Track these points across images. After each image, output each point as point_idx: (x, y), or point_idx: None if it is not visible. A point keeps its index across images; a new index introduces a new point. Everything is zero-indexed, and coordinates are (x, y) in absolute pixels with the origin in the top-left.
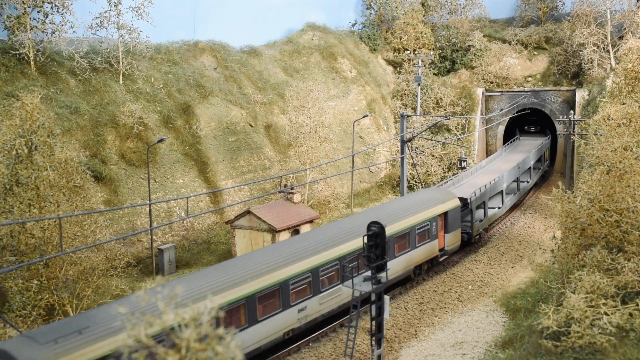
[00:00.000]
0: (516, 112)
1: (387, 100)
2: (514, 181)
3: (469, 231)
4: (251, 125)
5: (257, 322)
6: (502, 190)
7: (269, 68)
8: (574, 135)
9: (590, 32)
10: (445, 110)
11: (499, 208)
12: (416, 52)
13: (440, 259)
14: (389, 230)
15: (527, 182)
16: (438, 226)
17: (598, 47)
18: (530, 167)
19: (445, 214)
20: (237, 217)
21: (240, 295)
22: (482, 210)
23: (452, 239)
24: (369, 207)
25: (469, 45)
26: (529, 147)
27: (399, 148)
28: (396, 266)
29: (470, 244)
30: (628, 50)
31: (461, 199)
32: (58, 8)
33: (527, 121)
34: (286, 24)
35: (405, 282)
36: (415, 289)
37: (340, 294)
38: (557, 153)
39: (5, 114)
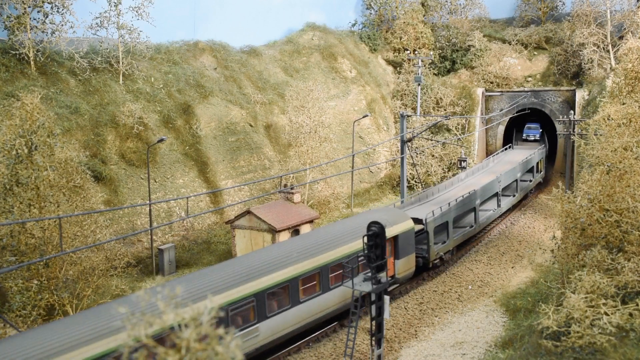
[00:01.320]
0: (516, 112)
1: (387, 100)
2: (493, 196)
3: (425, 255)
4: (251, 125)
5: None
6: (474, 208)
7: (269, 68)
8: (574, 135)
9: (590, 32)
10: (445, 110)
11: (471, 227)
12: (416, 52)
13: (390, 288)
14: (323, 260)
15: (513, 196)
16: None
17: (598, 47)
18: (516, 180)
19: (395, 238)
20: (237, 217)
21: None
22: (444, 232)
23: (404, 266)
24: (315, 229)
25: (469, 45)
26: (519, 157)
27: (399, 148)
28: (329, 300)
29: (428, 269)
30: (628, 50)
31: (416, 220)
32: (58, 8)
33: (527, 122)
34: (286, 24)
35: (345, 317)
36: (415, 289)
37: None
38: (557, 153)
39: (5, 114)
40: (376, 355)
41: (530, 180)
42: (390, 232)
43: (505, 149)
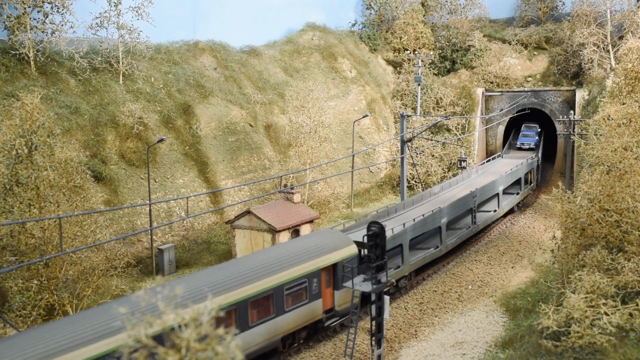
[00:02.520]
0: (516, 112)
1: (387, 100)
2: (466, 212)
3: None
4: (251, 125)
5: None
6: (439, 227)
7: (269, 68)
8: (574, 135)
9: (590, 32)
10: (445, 110)
11: (436, 248)
12: (416, 52)
13: (328, 323)
14: (243, 294)
15: (494, 211)
16: (322, 282)
17: (598, 47)
18: (497, 194)
19: (334, 265)
20: (237, 217)
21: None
22: (398, 256)
23: (345, 296)
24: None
25: (469, 45)
26: (506, 168)
27: (399, 148)
28: (251, 338)
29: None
30: (628, 50)
31: (361, 244)
32: (58, 8)
33: (524, 125)
34: (286, 24)
35: (274, 354)
36: (415, 289)
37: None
38: (557, 153)
39: (5, 114)
40: (376, 355)
41: (518, 193)
42: (328, 260)
43: (494, 158)
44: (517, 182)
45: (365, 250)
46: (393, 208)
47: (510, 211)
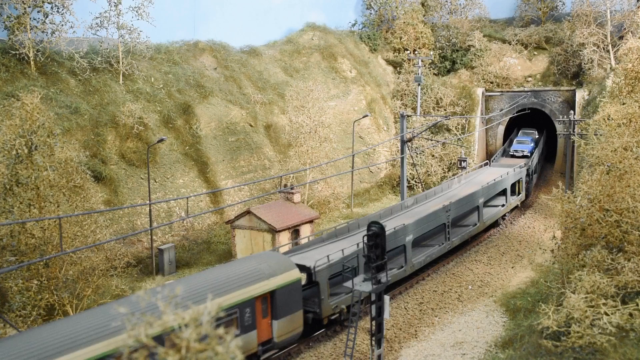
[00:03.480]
0: (516, 112)
1: (387, 100)
2: (438, 228)
3: (317, 310)
4: (251, 125)
5: None
6: (404, 246)
7: (269, 68)
8: (574, 135)
9: (590, 32)
10: (445, 110)
11: (400, 268)
12: (416, 52)
13: (264, 357)
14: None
15: (474, 225)
16: (257, 312)
17: (598, 47)
18: (477, 207)
19: (272, 293)
20: (237, 217)
21: None
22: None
23: (286, 326)
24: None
25: (469, 45)
26: (492, 177)
27: (399, 148)
28: None
29: (322, 327)
30: (628, 50)
31: (304, 268)
32: (58, 8)
33: (521, 129)
34: (286, 24)
35: None
36: (415, 289)
37: None
38: (557, 153)
39: (5, 114)
40: (376, 355)
41: (503, 205)
42: (264, 287)
43: (481, 166)
44: (503, 193)
45: (315, 275)
46: (355, 224)
47: (495, 224)
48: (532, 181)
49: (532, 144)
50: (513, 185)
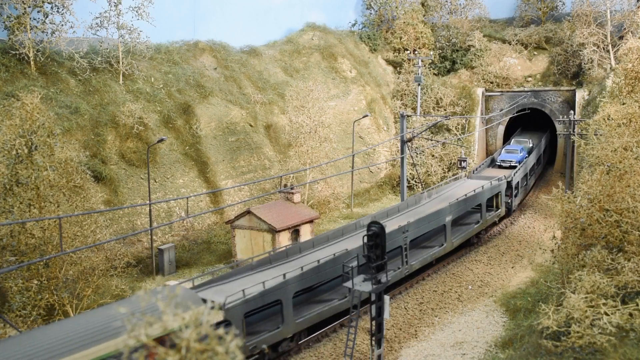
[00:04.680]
0: (516, 112)
1: (387, 100)
2: (394, 251)
3: None
4: (251, 125)
5: None
6: (348, 273)
7: (269, 68)
8: (574, 135)
9: (590, 32)
10: (445, 110)
11: (341, 300)
12: (416, 52)
13: None
14: None
15: (440, 246)
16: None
17: (598, 47)
18: (443, 225)
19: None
20: (237, 217)
21: None
22: (278, 315)
23: None
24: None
25: (469, 45)
26: (466, 191)
27: (399, 148)
28: None
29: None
30: (628, 50)
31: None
32: (58, 8)
33: (513, 136)
34: (286, 24)
35: None
36: (415, 288)
37: None
38: (557, 153)
39: (5, 114)
40: (376, 355)
41: (478, 222)
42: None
43: (456, 179)
44: (477, 208)
45: (226, 313)
46: (296, 247)
47: (467, 243)
48: (518, 195)
49: (523, 154)
50: (490, 200)
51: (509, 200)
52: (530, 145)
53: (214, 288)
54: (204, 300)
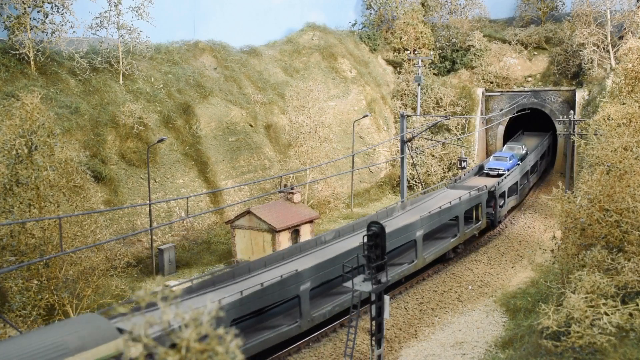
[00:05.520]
0: (516, 112)
1: (387, 100)
2: (347, 273)
3: None
4: (251, 125)
5: None
6: (298, 297)
7: (269, 68)
8: (574, 135)
9: (590, 32)
10: (445, 110)
11: (293, 324)
12: (416, 52)
13: None
14: None
15: (410, 263)
16: None
17: (598, 47)
18: (414, 240)
19: None
20: (237, 217)
21: None
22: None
23: None
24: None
25: (469, 45)
26: (443, 202)
27: (399, 148)
28: None
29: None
30: (628, 50)
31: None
32: (58, 8)
33: (511, 140)
34: (286, 24)
35: None
36: (415, 288)
37: None
38: (557, 153)
39: (5, 114)
40: (376, 355)
41: (455, 236)
42: None
43: (433, 189)
44: (453, 221)
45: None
46: (245, 267)
47: (443, 258)
48: (504, 205)
49: (513, 161)
50: (469, 212)
51: (493, 212)
52: (524, 151)
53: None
54: (120, 331)
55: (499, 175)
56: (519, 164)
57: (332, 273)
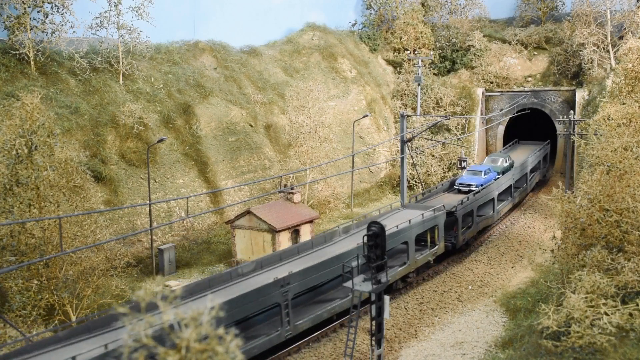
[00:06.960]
0: (516, 112)
1: (387, 100)
2: (271, 309)
3: None
4: (251, 125)
5: None
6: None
7: (269, 68)
8: (574, 135)
9: (590, 32)
10: (445, 110)
11: None
12: (416, 52)
13: None
14: None
15: (343, 298)
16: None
17: (598, 47)
18: (356, 267)
19: None
20: (237, 217)
21: None
22: None
23: None
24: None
25: (469, 45)
26: (393, 224)
27: (399, 148)
28: None
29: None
30: (628, 50)
31: None
32: (58, 8)
33: (493, 153)
34: (286, 24)
35: None
36: (415, 289)
37: None
38: (557, 153)
39: (5, 114)
40: (376, 355)
41: (404, 264)
42: None
43: (390, 208)
44: (403, 246)
45: None
46: (190, 289)
47: (389, 289)
48: (472, 226)
49: (489, 175)
50: (422, 235)
51: (454, 235)
52: (507, 163)
53: (74, 345)
54: None
55: (470, 192)
56: (497, 179)
57: (244, 312)
